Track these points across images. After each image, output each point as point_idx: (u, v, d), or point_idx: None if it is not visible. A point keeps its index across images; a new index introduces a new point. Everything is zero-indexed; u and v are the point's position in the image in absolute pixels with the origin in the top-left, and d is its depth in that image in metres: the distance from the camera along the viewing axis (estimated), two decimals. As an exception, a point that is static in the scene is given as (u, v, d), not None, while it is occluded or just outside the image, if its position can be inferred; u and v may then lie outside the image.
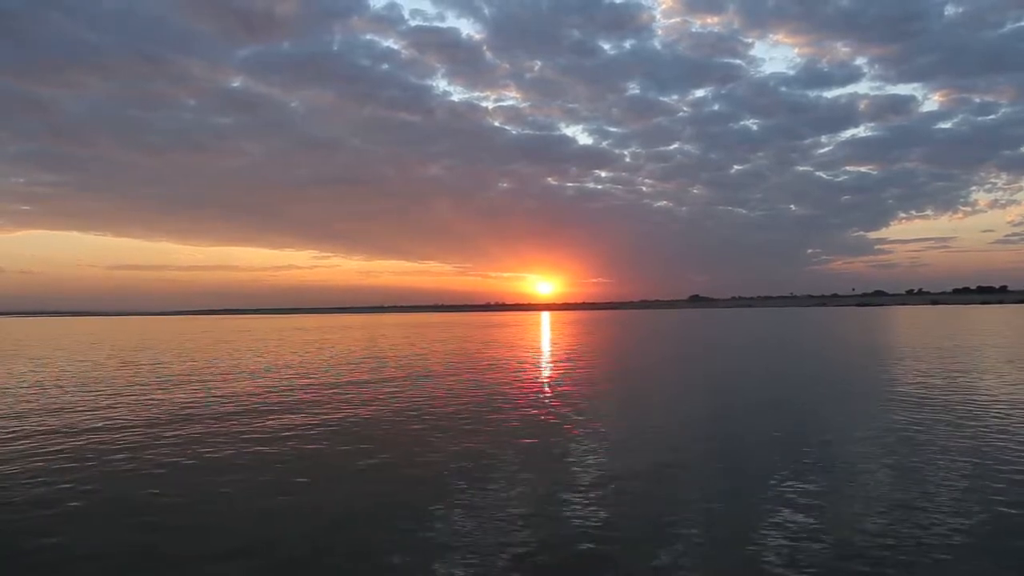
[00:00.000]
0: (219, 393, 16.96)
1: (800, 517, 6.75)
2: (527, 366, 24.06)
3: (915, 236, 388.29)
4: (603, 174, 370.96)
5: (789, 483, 7.97)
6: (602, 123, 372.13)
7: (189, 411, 14.02)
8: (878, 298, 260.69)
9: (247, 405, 14.82)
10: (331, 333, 59.21)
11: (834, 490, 7.71)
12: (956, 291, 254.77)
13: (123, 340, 48.98)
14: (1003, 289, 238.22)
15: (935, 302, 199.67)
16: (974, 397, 14.43)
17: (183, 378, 20.78)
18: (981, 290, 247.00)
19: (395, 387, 17.78)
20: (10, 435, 11.66)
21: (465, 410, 13.81)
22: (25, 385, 19.34)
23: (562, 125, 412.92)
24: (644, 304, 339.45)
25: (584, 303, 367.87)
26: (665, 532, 6.44)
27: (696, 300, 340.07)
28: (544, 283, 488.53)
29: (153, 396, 16.54)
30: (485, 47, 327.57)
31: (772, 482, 8.06)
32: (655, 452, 9.83)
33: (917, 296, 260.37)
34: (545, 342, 40.53)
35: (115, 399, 16.05)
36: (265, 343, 42.54)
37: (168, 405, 14.93)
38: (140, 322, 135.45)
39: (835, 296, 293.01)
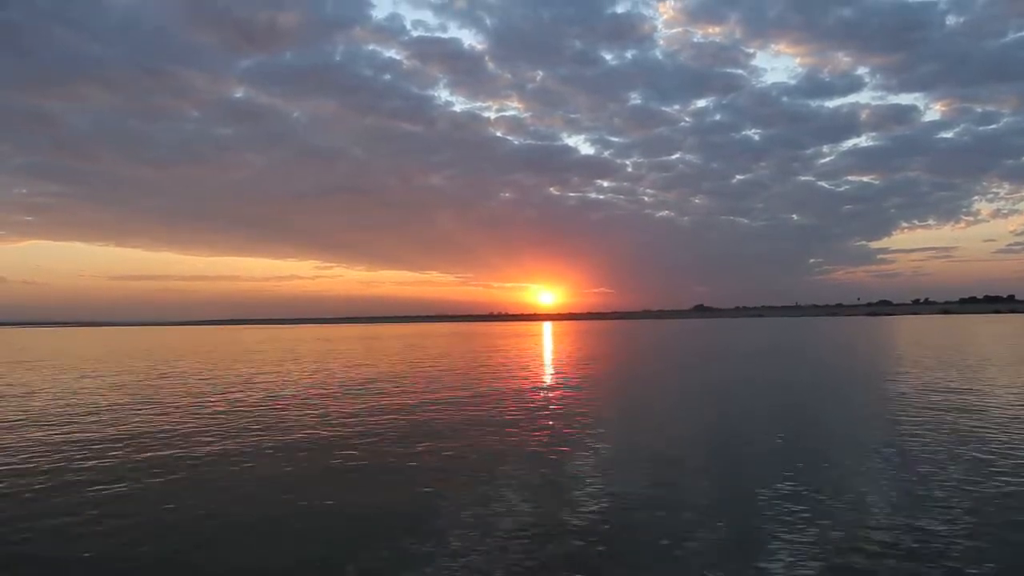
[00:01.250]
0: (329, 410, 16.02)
1: (803, 529, 6.73)
2: (543, 377, 23.92)
3: (917, 246, 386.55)
4: (605, 184, 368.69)
5: (800, 497, 7.83)
6: (604, 133, 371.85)
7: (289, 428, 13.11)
8: (887, 307, 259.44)
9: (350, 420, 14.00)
10: (350, 344, 58.31)
11: (842, 500, 7.67)
12: (963, 300, 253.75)
13: (150, 350, 48.06)
14: (1011, 298, 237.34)
15: (946, 311, 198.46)
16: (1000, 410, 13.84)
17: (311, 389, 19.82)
18: (988, 299, 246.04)
19: (405, 399, 17.52)
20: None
21: (475, 417, 14.10)
22: (132, 400, 18.38)
23: (564, 135, 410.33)
24: (648, 314, 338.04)
25: (588, 313, 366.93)
26: (666, 540, 6.46)
27: (700, 310, 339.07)
28: (546, 293, 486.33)
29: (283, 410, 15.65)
30: (487, 57, 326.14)
31: (781, 491, 8.07)
32: (663, 462, 9.85)
33: (926, 305, 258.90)
34: (555, 353, 39.71)
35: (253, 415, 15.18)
36: (306, 354, 41.65)
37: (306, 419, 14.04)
38: (146, 332, 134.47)
39: (840, 305, 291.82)
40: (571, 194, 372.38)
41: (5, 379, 25.59)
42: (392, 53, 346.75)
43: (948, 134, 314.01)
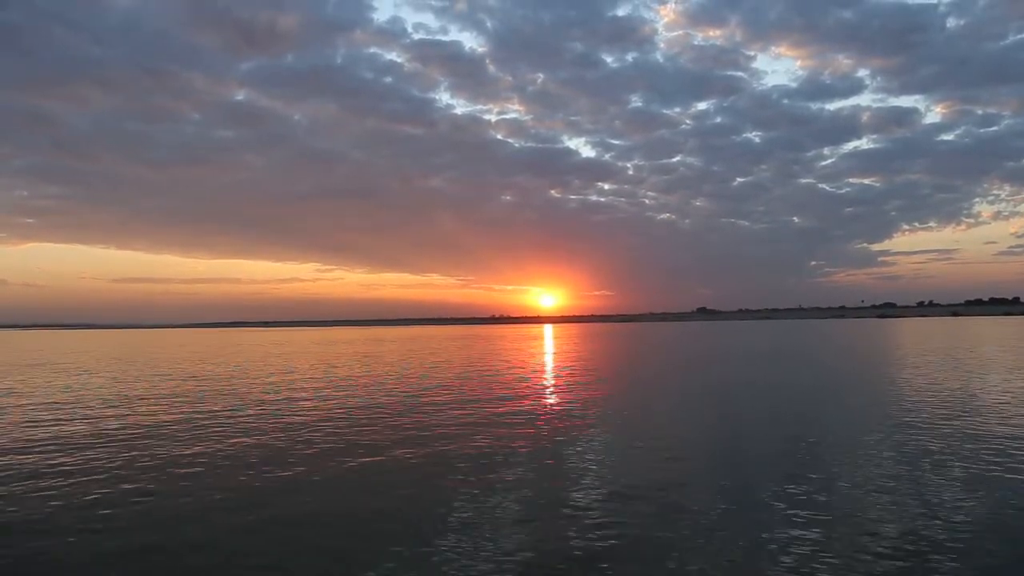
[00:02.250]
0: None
1: (804, 531, 6.72)
2: (552, 381, 23.47)
3: (918, 248, 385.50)
4: (606, 187, 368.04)
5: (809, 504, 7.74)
6: (604, 136, 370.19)
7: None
8: (893, 310, 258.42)
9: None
10: (367, 347, 57.09)
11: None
12: (969, 303, 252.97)
13: (165, 353, 46.74)
14: (1016, 300, 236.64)
15: (955, 314, 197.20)
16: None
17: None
18: (994, 301, 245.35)
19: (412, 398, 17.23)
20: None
21: (479, 421, 14.08)
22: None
23: (564, 138, 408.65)
24: (652, 316, 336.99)
25: (590, 315, 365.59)
26: (668, 545, 6.43)
27: (703, 312, 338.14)
28: (547, 296, 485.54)
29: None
30: (488, 60, 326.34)
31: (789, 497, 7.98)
32: (665, 465, 9.85)
33: (934, 308, 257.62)
34: (562, 357, 38.71)
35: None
36: (327, 358, 40.31)
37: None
38: (150, 335, 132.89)
39: (843, 308, 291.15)
40: (572, 197, 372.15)
41: (41, 383, 24.21)
42: (393, 56, 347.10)
43: (949, 136, 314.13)
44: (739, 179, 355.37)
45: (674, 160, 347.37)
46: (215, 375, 26.72)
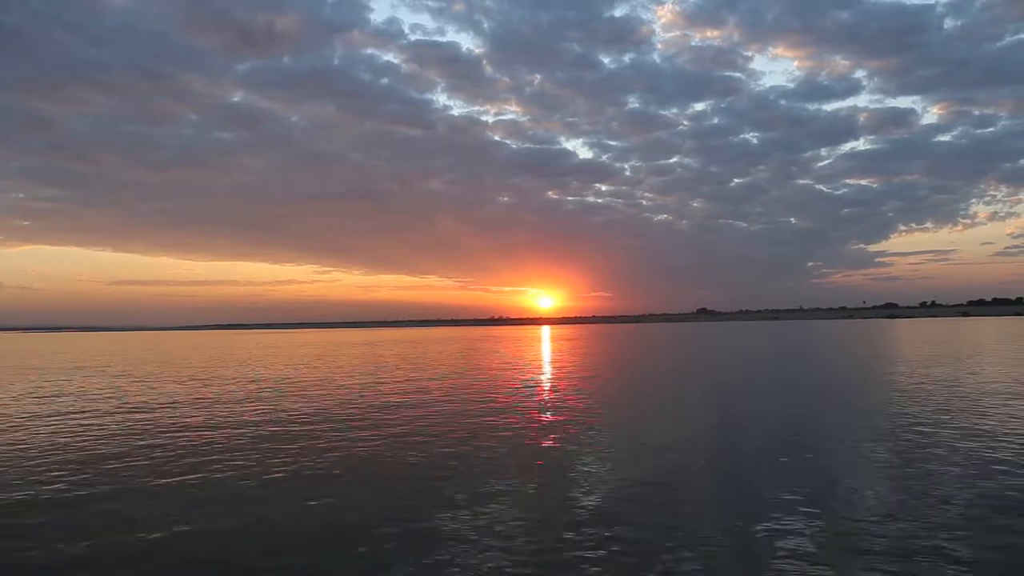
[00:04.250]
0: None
1: (802, 531, 6.68)
2: (559, 382, 23.30)
3: (915, 249, 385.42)
4: (603, 188, 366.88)
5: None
6: (602, 137, 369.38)
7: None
8: (899, 310, 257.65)
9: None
10: (382, 349, 55.79)
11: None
12: (972, 303, 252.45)
13: (182, 355, 45.47)
14: (1019, 301, 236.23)
15: (965, 314, 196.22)
16: None
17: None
18: (996, 302, 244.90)
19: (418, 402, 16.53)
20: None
21: (479, 422, 14.01)
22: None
23: (562, 139, 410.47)
24: (652, 317, 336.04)
25: (591, 316, 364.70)
26: (670, 545, 6.39)
27: (704, 313, 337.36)
28: (545, 297, 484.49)
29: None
30: (485, 61, 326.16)
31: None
32: (665, 466, 9.74)
33: (940, 308, 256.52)
34: (563, 357, 37.95)
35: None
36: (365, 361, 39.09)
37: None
38: (151, 337, 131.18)
39: (844, 308, 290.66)
40: (570, 198, 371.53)
41: (137, 389, 22.93)
42: (390, 57, 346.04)
43: (946, 137, 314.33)
44: (736, 180, 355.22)
45: (671, 161, 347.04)
46: (296, 378, 25.52)
